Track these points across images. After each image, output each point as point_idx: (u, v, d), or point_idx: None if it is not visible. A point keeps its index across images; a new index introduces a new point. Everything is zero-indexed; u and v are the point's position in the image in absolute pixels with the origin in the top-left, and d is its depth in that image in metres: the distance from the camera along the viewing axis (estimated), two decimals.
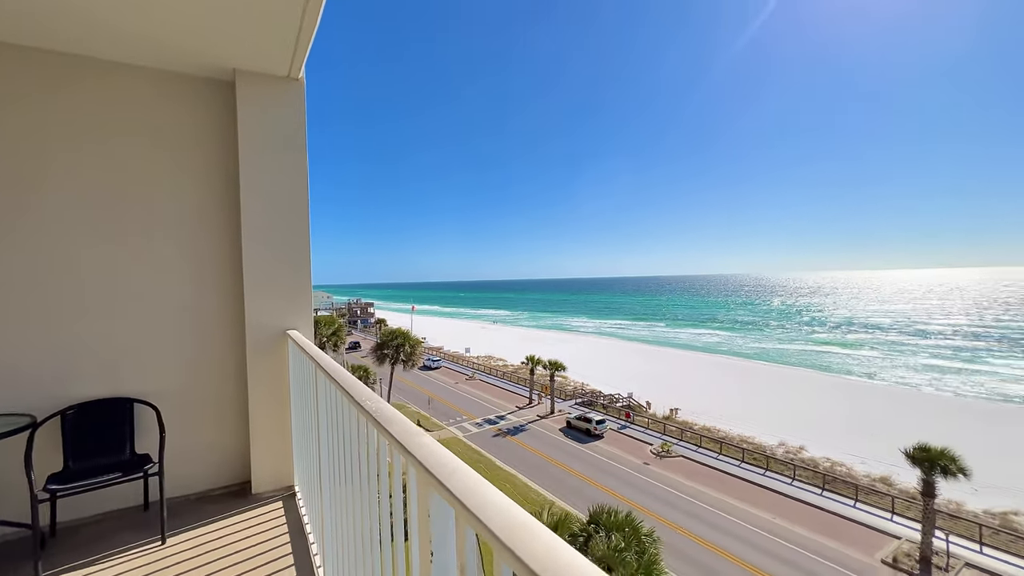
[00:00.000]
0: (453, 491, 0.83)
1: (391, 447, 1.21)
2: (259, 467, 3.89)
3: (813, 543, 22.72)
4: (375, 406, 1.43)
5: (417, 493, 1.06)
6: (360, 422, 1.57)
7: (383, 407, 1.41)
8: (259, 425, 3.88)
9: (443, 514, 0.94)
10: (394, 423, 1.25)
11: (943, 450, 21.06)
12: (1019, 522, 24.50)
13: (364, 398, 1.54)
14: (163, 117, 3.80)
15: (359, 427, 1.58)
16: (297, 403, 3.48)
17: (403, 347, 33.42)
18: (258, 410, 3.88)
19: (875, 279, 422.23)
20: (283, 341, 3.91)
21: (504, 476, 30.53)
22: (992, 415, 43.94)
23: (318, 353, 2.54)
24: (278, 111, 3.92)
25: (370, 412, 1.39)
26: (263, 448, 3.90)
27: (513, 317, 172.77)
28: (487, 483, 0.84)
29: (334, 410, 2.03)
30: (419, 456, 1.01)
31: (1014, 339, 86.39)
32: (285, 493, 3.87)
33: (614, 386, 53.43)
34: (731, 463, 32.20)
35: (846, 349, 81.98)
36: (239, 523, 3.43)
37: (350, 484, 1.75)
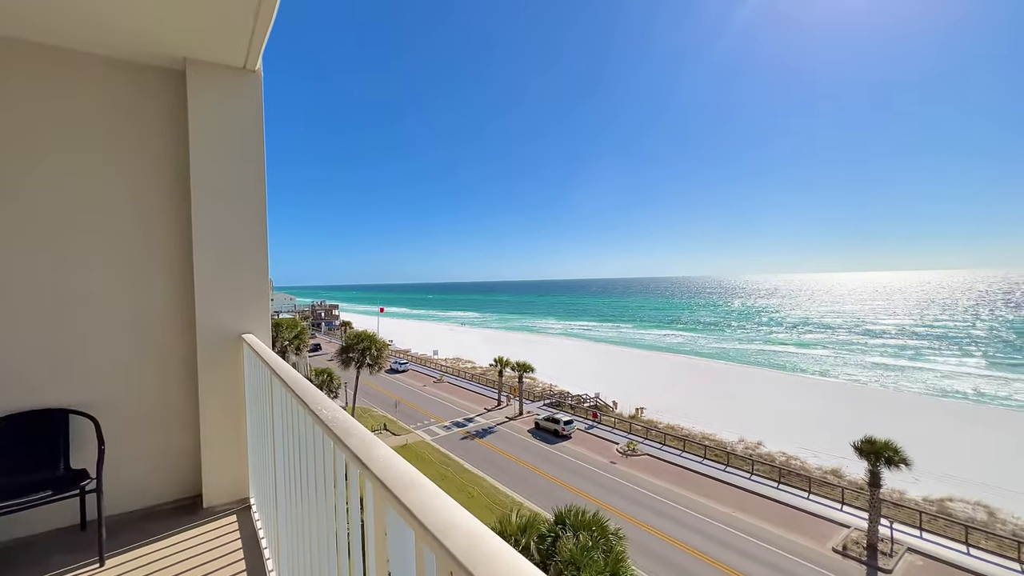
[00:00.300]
0: (411, 508, 0.76)
1: (348, 459, 1.14)
2: (211, 479, 3.67)
3: (770, 535, 23.65)
4: (332, 415, 1.35)
5: (374, 509, 1.00)
6: (316, 433, 1.48)
7: (340, 417, 1.33)
8: (211, 435, 3.67)
9: (401, 533, 0.88)
10: (351, 434, 1.18)
11: (887, 442, 22.34)
12: (954, 508, 26.31)
13: (320, 407, 1.45)
14: (105, 107, 3.54)
15: (315, 438, 1.49)
16: (253, 411, 3.31)
17: (369, 350, 32.69)
18: (210, 419, 3.66)
19: (827, 281, 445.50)
20: (238, 346, 3.70)
21: (472, 479, 30.34)
22: (931, 409, 47.07)
23: (274, 359, 2.41)
24: (233, 104, 3.73)
25: (326, 422, 1.31)
26: (215, 459, 3.68)
27: (482, 319, 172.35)
28: (450, 500, 0.79)
29: (290, 419, 1.92)
30: (375, 469, 0.94)
31: (950, 338, 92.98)
32: (240, 506, 3.67)
33: (582, 387, 54.07)
34: (694, 460, 33.14)
35: (801, 348, 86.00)
36: (188, 539, 3.23)
37: (307, 496, 1.66)
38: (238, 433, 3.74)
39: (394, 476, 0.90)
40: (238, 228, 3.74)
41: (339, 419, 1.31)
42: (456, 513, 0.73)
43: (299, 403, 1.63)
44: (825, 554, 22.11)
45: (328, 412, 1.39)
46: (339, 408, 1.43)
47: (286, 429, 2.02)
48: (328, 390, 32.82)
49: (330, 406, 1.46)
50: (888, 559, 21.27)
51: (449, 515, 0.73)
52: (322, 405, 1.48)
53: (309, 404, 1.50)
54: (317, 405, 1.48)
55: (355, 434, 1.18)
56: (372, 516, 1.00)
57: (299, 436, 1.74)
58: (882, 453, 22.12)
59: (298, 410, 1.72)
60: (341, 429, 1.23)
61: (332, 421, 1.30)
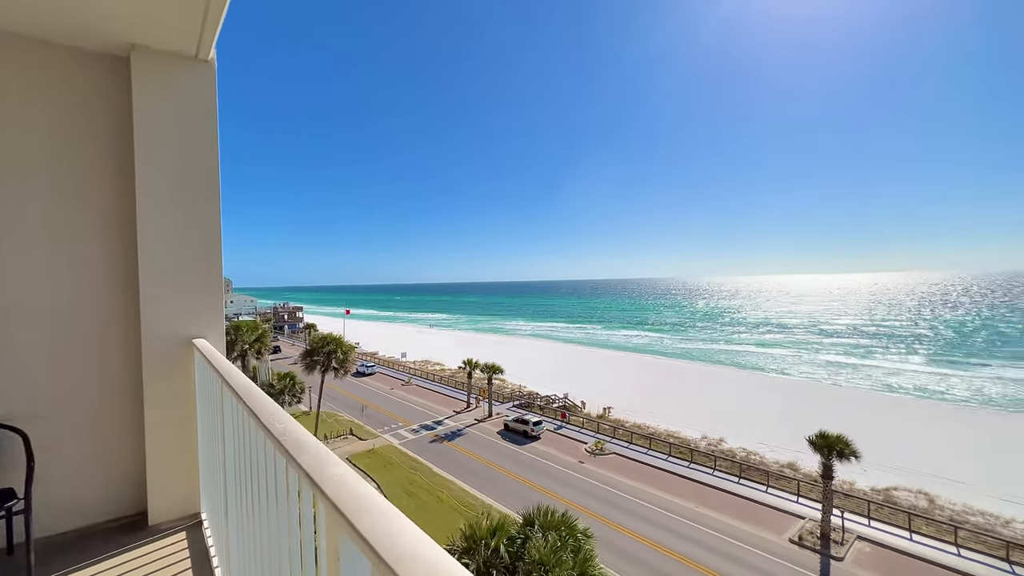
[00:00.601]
0: (366, 535, 0.69)
1: (300, 478, 1.06)
2: (158, 494, 3.43)
3: (731, 528, 24.44)
4: (283, 428, 1.26)
5: (326, 534, 0.91)
6: (268, 448, 1.37)
7: (293, 431, 1.24)
8: (158, 447, 3.43)
9: (355, 562, 0.80)
10: (304, 450, 1.09)
11: (838, 436, 23.50)
12: (898, 496, 27.94)
13: (272, 420, 1.35)
14: (40, 95, 3.26)
15: (267, 453, 1.38)
16: (205, 422, 3.11)
17: (335, 353, 31.79)
18: (157, 430, 3.42)
19: (786, 283, 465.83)
20: (188, 351, 3.48)
21: (441, 483, 30.00)
22: (878, 404, 49.89)
23: (225, 366, 2.26)
24: (184, 95, 3.50)
25: (277, 436, 1.21)
26: (162, 473, 3.44)
27: (451, 320, 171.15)
28: (410, 525, 0.72)
29: (241, 432, 1.79)
30: (329, 490, 0.86)
31: (895, 337, 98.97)
32: (190, 522, 3.45)
33: (551, 387, 54.44)
34: (659, 457, 33.89)
35: (761, 348, 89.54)
36: (132, 560, 3.00)
37: (260, 513, 1.55)
38: (188, 444, 3.52)
39: (349, 498, 0.82)
40: (189, 226, 3.52)
41: (291, 433, 1.22)
42: (417, 540, 0.67)
43: (250, 415, 1.52)
44: (783, 545, 23.03)
45: (280, 425, 1.29)
46: (292, 420, 1.34)
47: (237, 442, 1.89)
48: (291, 395, 31.75)
49: (283, 418, 1.36)
50: (840, 547, 22.36)
51: (409, 543, 0.66)
52: (275, 417, 1.37)
53: (260, 416, 1.39)
54: (269, 417, 1.37)
55: (308, 450, 1.09)
56: (325, 541, 0.92)
57: (251, 450, 1.62)
58: (834, 446, 23.24)
59: (249, 422, 1.61)
60: (293, 444, 1.13)
61: (283, 435, 1.20)
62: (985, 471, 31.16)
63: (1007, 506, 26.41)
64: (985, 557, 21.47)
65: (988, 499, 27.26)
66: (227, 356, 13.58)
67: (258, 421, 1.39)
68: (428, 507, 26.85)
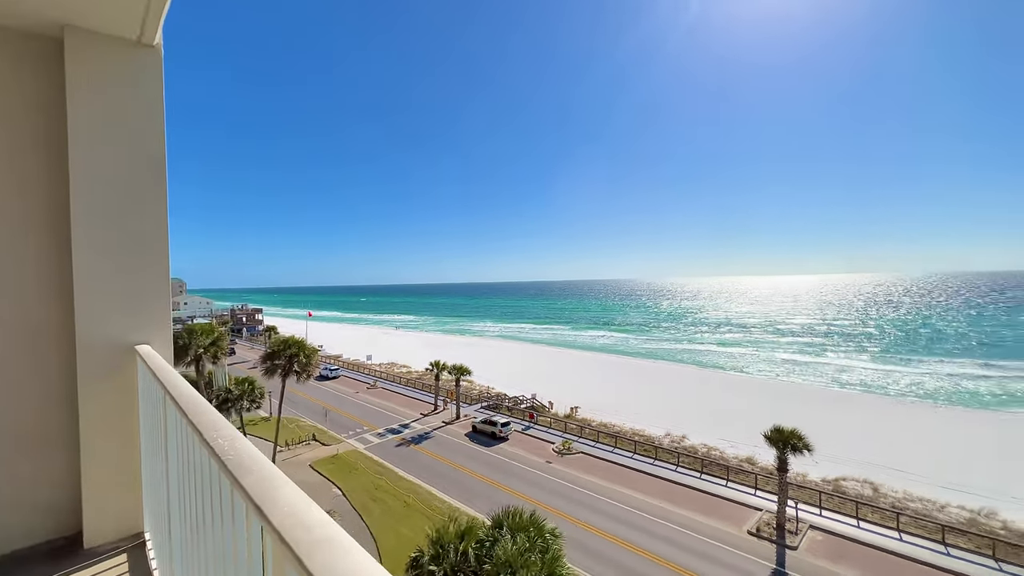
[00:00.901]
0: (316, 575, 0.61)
1: (246, 503, 0.94)
2: (95, 514, 3.15)
3: (694, 523, 25.15)
4: (229, 446, 1.14)
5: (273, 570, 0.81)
6: (212, 467, 1.24)
7: (239, 448, 1.13)
8: (95, 463, 3.15)
9: None
10: (249, 471, 0.99)
11: (792, 430, 24.58)
12: (847, 486, 29.50)
13: (216, 435, 1.23)
14: None
15: (211, 473, 1.26)
16: (149, 434, 2.88)
17: (297, 356, 30.65)
18: (94, 444, 3.14)
19: (744, 284, 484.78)
20: (130, 359, 3.22)
21: (408, 487, 29.48)
22: (828, 398, 52.58)
23: (169, 375, 2.09)
24: (125, 82, 3.24)
25: (220, 455, 1.09)
26: (100, 490, 3.17)
27: (418, 322, 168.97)
28: (367, 559, 0.64)
29: (185, 448, 1.64)
30: (276, 519, 0.77)
31: (846, 335, 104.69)
32: (132, 543, 3.19)
33: (519, 388, 54.55)
34: (625, 455, 34.50)
35: (722, 347, 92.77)
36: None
37: (205, 535, 1.41)
38: (130, 459, 3.25)
39: (299, 528, 0.73)
40: (130, 224, 3.26)
41: (238, 451, 1.11)
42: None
43: (192, 430, 1.38)
44: (742, 536, 23.87)
45: (225, 442, 1.17)
46: (239, 436, 1.22)
47: (181, 459, 1.73)
48: (250, 400, 30.42)
49: (229, 434, 1.24)
50: (794, 537, 23.38)
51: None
52: (220, 432, 1.25)
53: (203, 431, 1.27)
54: (213, 432, 1.25)
55: (255, 471, 0.99)
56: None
57: (195, 468, 1.48)
58: (788, 440, 24.29)
59: (193, 438, 1.47)
60: (237, 464, 1.03)
61: (227, 453, 1.09)
62: (923, 460, 33.35)
63: (943, 492, 28.34)
64: (924, 540, 22.94)
65: (926, 486, 29.17)
66: (180, 361, 13.07)
67: (201, 437, 1.27)
68: (394, 512, 26.33)
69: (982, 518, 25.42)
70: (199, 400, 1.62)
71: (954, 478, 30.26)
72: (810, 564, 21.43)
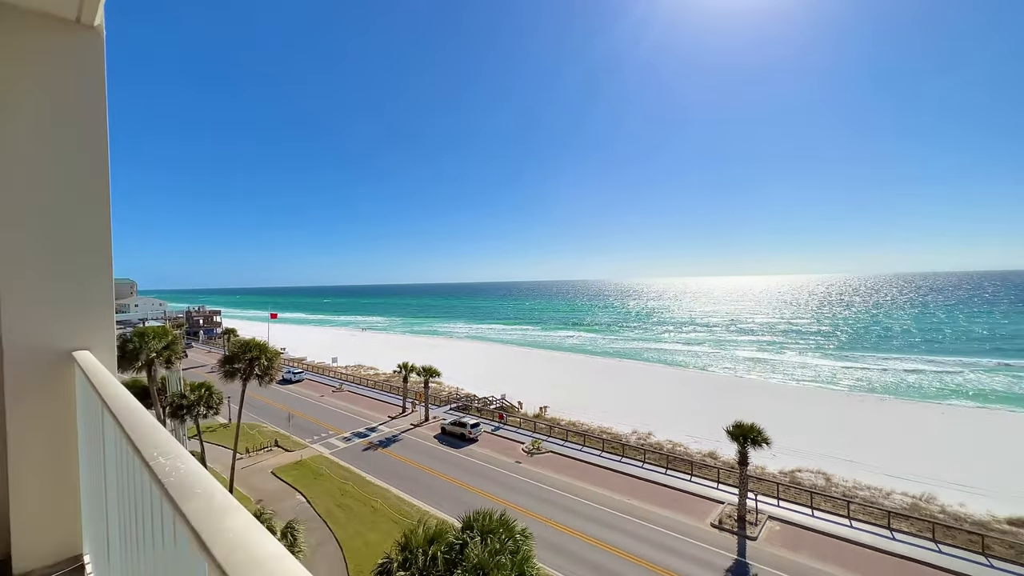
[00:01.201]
0: None
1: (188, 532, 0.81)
2: (25, 536, 2.87)
3: (659, 517, 25.72)
4: (171, 466, 1.03)
5: None
6: (151, 490, 1.10)
7: (182, 469, 1.01)
8: (25, 480, 2.87)
9: None
10: (192, 495, 0.88)
11: (752, 425, 25.51)
12: (802, 477, 30.86)
13: (157, 453, 1.11)
14: None
15: (152, 496, 1.12)
16: (89, 449, 2.65)
17: (258, 360, 29.41)
18: (25, 460, 2.87)
19: (707, 284, 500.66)
20: (68, 367, 2.96)
21: (376, 491, 28.86)
22: (787, 394, 54.91)
23: (107, 385, 1.91)
24: (63, 65, 2.99)
25: (160, 477, 0.98)
26: (32, 510, 2.89)
27: (386, 323, 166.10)
28: None
29: (124, 467, 1.48)
30: (220, 554, 0.66)
31: (802, 333, 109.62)
32: (69, 567, 2.93)
33: (489, 389, 54.40)
34: (593, 453, 34.95)
35: (687, 346, 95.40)
36: None
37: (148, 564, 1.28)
38: (67, 476, 2.99)
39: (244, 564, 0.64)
40: (66, 219, 3.00)
41: (181, 472, 0.99)
42: None
43: (131, 447, 1.25)
44: (705, 529, 24.58)
45: (167, 461, 1.06)
46: (183, 454, 1.10)
47: (121, 479, 1.57)
48: (207, 406, 29.00)
49: (173, 451, 1.12)
50: (754, 528, 24.26)
51: None
52: (160, 450, 1.13)
53: (142, 450, 1.14)
54: (153, 449, 1.13)
55: (199, 495, 0.88)
56: None
57: (135, 489, 1.34)
58: (748, 435, 25.19)
59: (134, 458, 1.32)
60: (180, 487, 0.92)
61: (168, 475, 0.98)
62: (871, 450, 35.31)
63: (888, 480, 30.07)
64: (872, 526, 24.26)
65: (873, 475, 30.88)
66: (131, 367, 12.24)
67: (140, 456, 1.14)
68: (362, 518, 25.72)
69: (923, 503, 27.13)
70: (140, 412, 1.48)
71: (898, 466, 32.17)
72: (769, 553, 22.28)
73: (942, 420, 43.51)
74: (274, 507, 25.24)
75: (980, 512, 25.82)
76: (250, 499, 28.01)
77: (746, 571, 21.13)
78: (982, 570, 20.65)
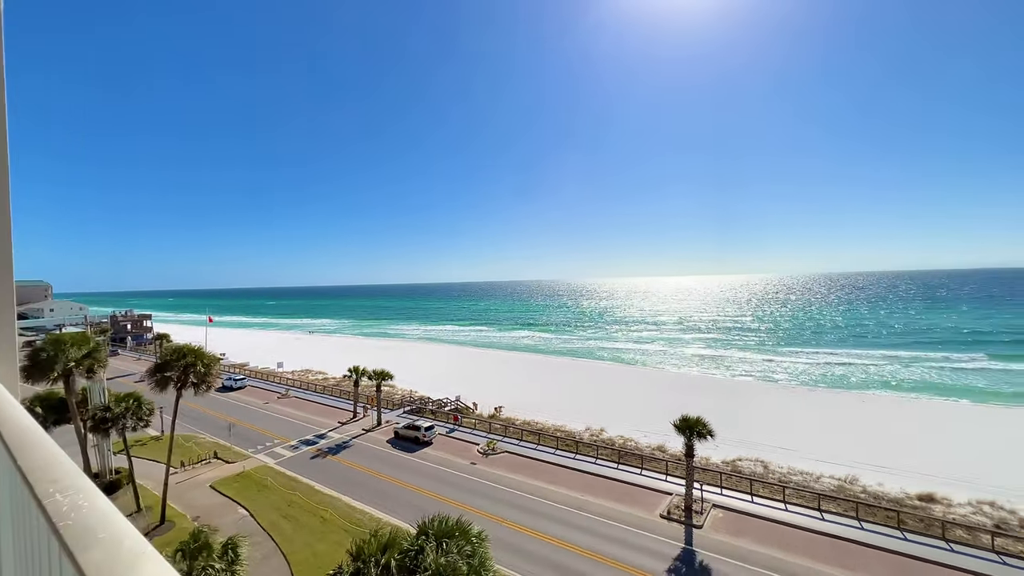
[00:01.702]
0: None
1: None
2: None
3: (612, 511, 26.36)
4: (71, 504, 0.87)
5: None
6: (48, 536, 0.88)
7: (83, 507, 0.86)
8: None
9: None
10: (94, 542, 0.72)
11: (698, 418, 26.70)
12: (742, 466, 32.62)
13: (54, 489, 0.94)
14: None
15: (48, 542, 0.91)
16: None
17: (194, 367, 27.40)
18: None
19: (655, 284, 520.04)
20: None
21: (325, 500, 27.74)
22: (729, 387, 57.95)
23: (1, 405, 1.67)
24: None
25: (53, 519, 0.82)
26: None
27: (336, 326, 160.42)
28: None
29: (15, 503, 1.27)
30: None
31: (743, 329, 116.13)
32: None
33: (443, 391, 53.76)
34: (548, 451, 35.33)
35: (638, 344, 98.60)
36: None
37: None
38: None
39: None
40: None
41: (83, 512, 0.84)
42: None
43: (22, 481, 1.06)
44: (655, 520, 25.46)
45: (65, 499, 0.89)
46: (87, 489, 0.94)
47: (16, 518, 1.34)
48: (136, 418, 26.72)
49: (74, 485, 0.96)
50: (700, 516, 25.39)
51: None
52: (59, 485, 0.97)
53: (35, 485, 0.98)
54: (49, 485, 0.96)
55: (103, 541, 0.74)
56: None
57: (28, 533, 1.13)
58: (694, 428, 26.33)
59: (25, 493, 1.11)
60: (80, 532, 0.77)
61: (66, 516, 0.83)
62: (803, 437, 37.92)
63: (818, 465, 32.38)
64: (805, 509, 26.04)
65: (805, 461, 33.15)
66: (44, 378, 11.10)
67: (33, 493, 0.96)
68: (310, 529, 24.62)
69: (847, 484, 29.42)
70: (36, 435, 1.28)
71: (827, 451, 34.74)
72: (713, 540, 23.39)
73: (863, 408, 47.45)
74: (214, 523, 23.63)
75: (895, 490, 28.34)
76: (186, 516, 26.14)
77: (693, 558, 22.08)
78: (897, 543, 22.67)
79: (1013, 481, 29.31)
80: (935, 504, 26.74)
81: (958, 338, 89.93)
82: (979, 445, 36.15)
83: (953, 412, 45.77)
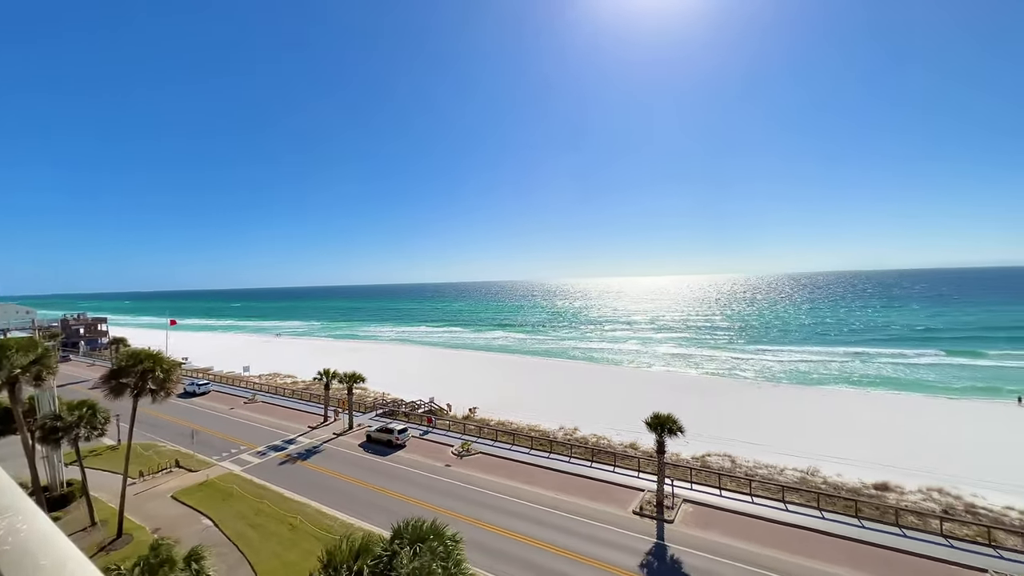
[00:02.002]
0: None
1: None
2: None
3: (586, 509, 26.64)
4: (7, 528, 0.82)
5: None
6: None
7: (21, 531, 0.80)
8: None
9: None
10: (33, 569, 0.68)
11: (668, 415, 27.25)
12: (711, 461, 33.52)
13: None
14: None
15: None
16: None
17: (152, 372, 26.15)
18: None
19: (627, 284, 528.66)
20: None
21: (294, 507, 27.01)
22: (699, 384, 59.42)
23: None
24: None
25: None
26: None
27: (306, 328, 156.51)
28: None
29: None
30: None
31: (713, 328, 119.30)
32: None
33: (416, 393, 53.17)
34: (522, 451, 35.42)
35: (612, 344, 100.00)
36: None
37: None
38: None
39: None
40: None
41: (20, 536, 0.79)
42: None
43: None
44: (627, 516, 25.87)
45: (2, 522, 0.84)
46: (28, 509, 0.88)
47: None
48: (90, 427, 25.35)
49: (13, 506, 0.89)
50: (671, 511, 25.95)
51: None
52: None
53: None
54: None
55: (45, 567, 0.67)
56: None
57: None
58: (665, 425, 26.87)
59: None
60: (14, 562, 0.70)
61: (1, 541, 0.78)
62: (768, 432, 39.27)
63: (782, 458, 33.58)
64: (770, 501, 26.97)
65: (769, 454, 34.34)
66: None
67: None
68: (279, 537, 23.92)
69: (809, 476, 30.64)
70: None
71: (790, 445, 36.07)
72: (683, 534, 23.95)
73: (824, 402, 49.51)
74: (175, 535, 22.70)
75: (853, 480, 29.70)
76: (145, 528, 24.99)
77: (665, 553, 22.54)
78: (855, 530, 23.74)
79: (959, 469, 31.18)
80: (889, 492, 28.15)
81: (912, 335, 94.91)
82: (930, 436, 38.24)
83: (907, 405, 48.26)
